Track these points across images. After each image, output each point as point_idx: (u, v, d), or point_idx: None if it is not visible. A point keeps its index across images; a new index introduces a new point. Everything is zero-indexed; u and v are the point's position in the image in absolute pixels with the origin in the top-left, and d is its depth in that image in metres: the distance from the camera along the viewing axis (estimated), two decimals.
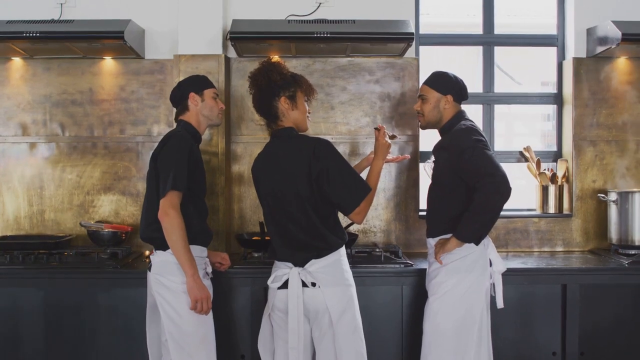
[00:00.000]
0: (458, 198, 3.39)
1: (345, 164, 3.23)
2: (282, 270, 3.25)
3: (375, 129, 3.53)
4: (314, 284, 3.19)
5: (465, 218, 3.29)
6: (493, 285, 3.50)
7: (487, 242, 3.47)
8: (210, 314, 3.36)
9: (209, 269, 3.48)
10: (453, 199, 3.42)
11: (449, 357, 3.38)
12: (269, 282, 3.30)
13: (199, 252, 3.38)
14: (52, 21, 4.20)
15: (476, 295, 3.39)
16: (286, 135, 3.30)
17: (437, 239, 3.49)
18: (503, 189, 3.22)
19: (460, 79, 3.59)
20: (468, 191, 3.32)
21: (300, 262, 3.22)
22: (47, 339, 3.83)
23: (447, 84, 3.55)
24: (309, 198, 3.18)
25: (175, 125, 3.56)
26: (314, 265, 3.20)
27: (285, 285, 3.22)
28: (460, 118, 3.53)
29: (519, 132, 5.39)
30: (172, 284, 3.28)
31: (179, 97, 3.53)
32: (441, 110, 3.54)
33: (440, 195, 3.52)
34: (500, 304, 3.50)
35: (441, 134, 3.60)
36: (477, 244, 3.33)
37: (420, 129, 4.42)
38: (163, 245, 3.29)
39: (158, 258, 3.35)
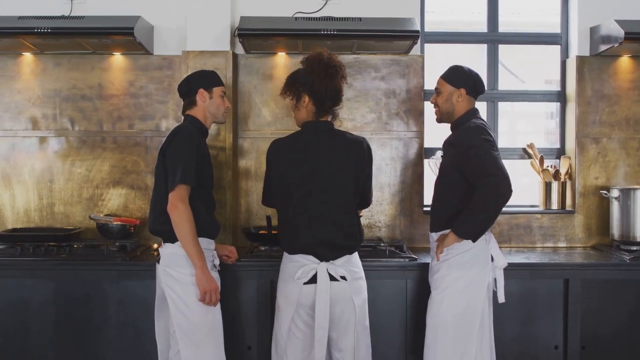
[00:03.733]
0: (461, 194, 3.43)
1: None
2: (310, 266, 3.25)
3: None
4: (343, 278, 3.25)
5: (463, 215, 3.33)
6: (495, 280, 3.55)
7: (489, 237, 3.51)
8: (218, 305, 3.40)
9: (217, 262, 3.52)
10: (457, 194, 3.46)
11: (451, 350, 3.42)
12: (296, 277, 3.25)
13: (207, 244, 3.42)
14: (63, 17, 4.24)
15: (477, 289, 3.44)
16: (327, 129, 3.37)
17: (439, 233, 3.54)
18: (503, 190, 3.25)
19: (475, 73, 3.61)
20: (471, 188, 3.36)
21: (331, 257, 3.27)
22: (57, 330, 3.89)
23: (460, 77, 3.58)
24: (353, 194, 3.32)
25: (182, 119, 3.61)
26: (341, 259, 3.28)
27: (311, 280, 3.25)
28: (472, 116, 3.56)
29: (522, 130, 5.42)
30: (181, 275, 3.33)
31: (187, 91, 3.57)
32: (454, 103, 3.57)
33: (445, 190, 3.56)
34: (501, 298, 3.54)
35: (452, 130, 3.64)
36: (474, 241, 3.38)
37: (425, 126, 4.50)
38: (171, 238, 3.34)
39: (166, 250, 3.39)
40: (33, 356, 3.89)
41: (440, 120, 3.70)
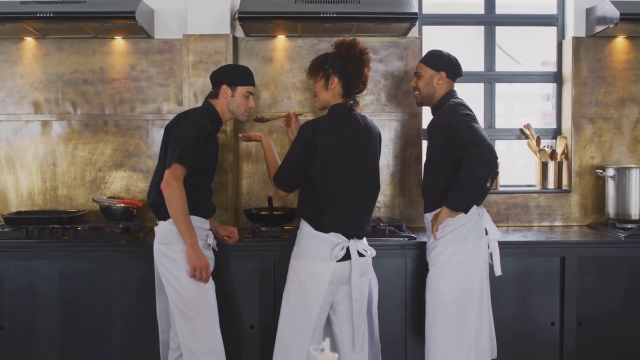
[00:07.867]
0: (451, 173, 3.50)
1: None
2: (342, 244, 3.35)
3: (298, 114, 4.01)
4: (365, 252, 3.44)
5: (454, 187, 3.41)
6: (491, 255, 3.63)
7: (482, 212, 3.60)
8: (211, 282, 3.46)
9: (210, 240, 3.58)
10: (446, 174, 3.54)
11: (452, 325, 3.49)
12: (333, 255, 3.32)
13: (200, 223, 3.48)
14: (65, 1, 4.23)
15: (474, 263, 3.52)
16: (356, 112, 3.51)
17: (432, 213, 3.61)
18: (488, 158, 3.33)
19: (453, 56, 3.73)
20: (459, 165, 3.43)
21: (359, 235, 3.44)
22: (62, 311, 3.94)
23: (440, 61, 3.69)
24: (379, 175, 3.56)
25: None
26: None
27: (343, 257, 3.37)
28: (450, 97, 3.67)
29: (519, 112, 5.47)
30: (173, 252, 3.39)
31: (214, 82, 3.63)
32: (435, 86, 3.68)
33: (435, 171, 3.65)
34: (498, 271, 3.62)
35: (433, 112, 3.74)
36: (465, 212, 3.44)
37: (423, 107, 4.53)
38: (165, 215, 3.40)
39: (160, 228, 3.47)
40: (39, 337, 3.94)
41: (420, 103, 3.83)
